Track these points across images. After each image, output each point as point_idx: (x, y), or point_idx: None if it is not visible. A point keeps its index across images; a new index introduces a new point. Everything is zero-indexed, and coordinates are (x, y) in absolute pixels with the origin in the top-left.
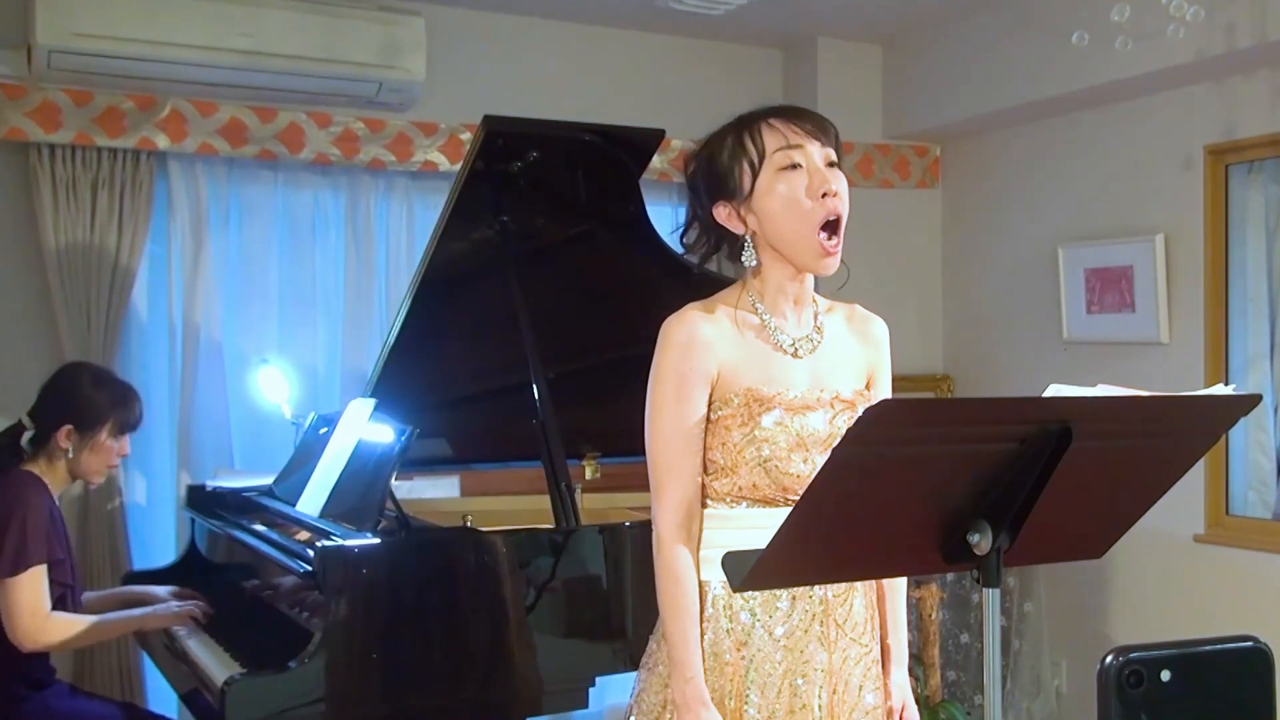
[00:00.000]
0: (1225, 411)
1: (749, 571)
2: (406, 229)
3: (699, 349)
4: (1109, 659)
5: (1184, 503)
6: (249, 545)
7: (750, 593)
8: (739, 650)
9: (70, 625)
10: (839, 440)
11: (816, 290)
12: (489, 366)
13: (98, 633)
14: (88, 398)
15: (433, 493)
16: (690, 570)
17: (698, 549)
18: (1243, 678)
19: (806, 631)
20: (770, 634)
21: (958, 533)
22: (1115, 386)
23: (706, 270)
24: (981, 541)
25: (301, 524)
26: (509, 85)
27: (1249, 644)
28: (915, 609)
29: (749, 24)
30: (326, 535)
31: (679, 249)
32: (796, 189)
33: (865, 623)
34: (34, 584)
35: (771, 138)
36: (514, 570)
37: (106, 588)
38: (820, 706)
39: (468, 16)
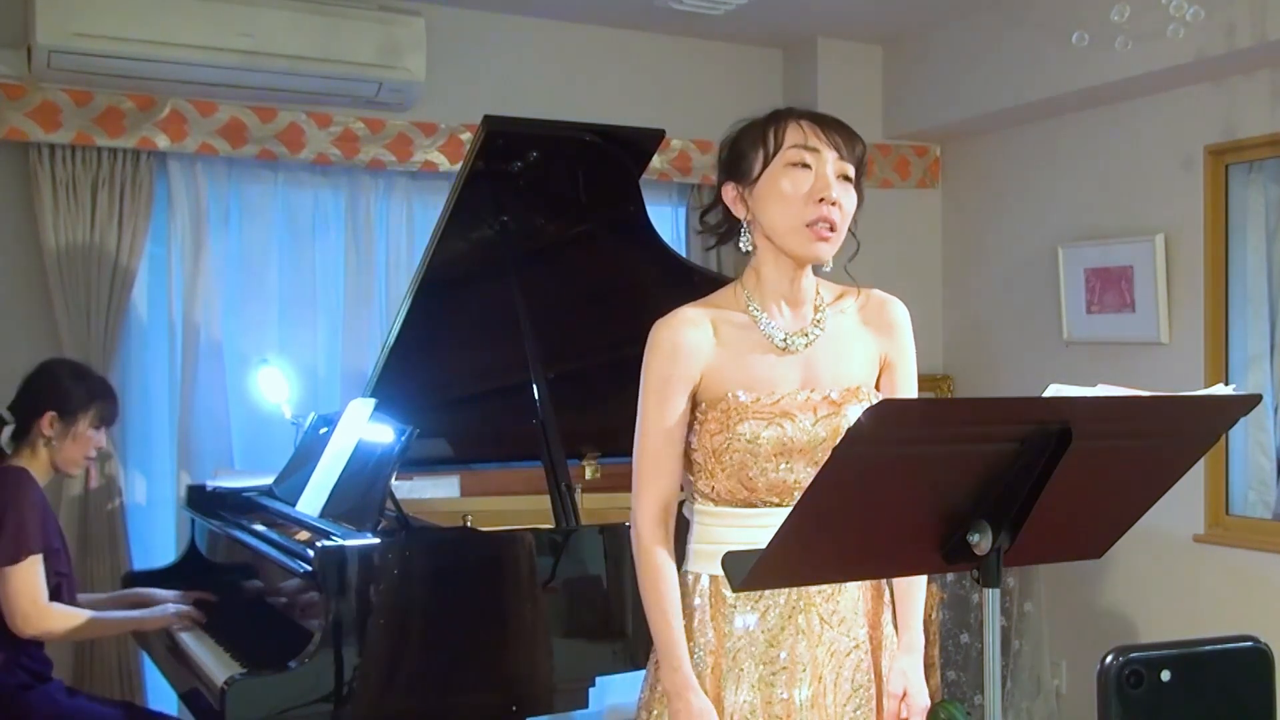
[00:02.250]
0: (1225, 411)
1: (749, 571)
2: (406, 229)
3: (683, 354)
4: (1109, 659)
5: (1184, 503)
6: (249, 545)
7: None
8: (721, 641)
9: (70, 617)
10: (839, 440)
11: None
12: (489, 366)
13: (97, 628)
14: (69, 388)
15: (433, 493)
16: (669, 563)
17: (689, 542)
18: (1243, 678)
19: (786, 626)
20: (749, 626)
21: (958, 533)
22: (1115, 386)
23: (707, 270)
24: (981, 541)
25: (301, 524)
26: (509, 85)
27: (1249, 644)
28: None
29: (749, 24)
30: (326, 535)
31: (680, 246)
32: (798, 187)
33: (855, 616)
34: (31, 572)
35: (793, 134)
36: (514, 570)
37: (106, 588)
38: (803, 700)
39: (468, 16)
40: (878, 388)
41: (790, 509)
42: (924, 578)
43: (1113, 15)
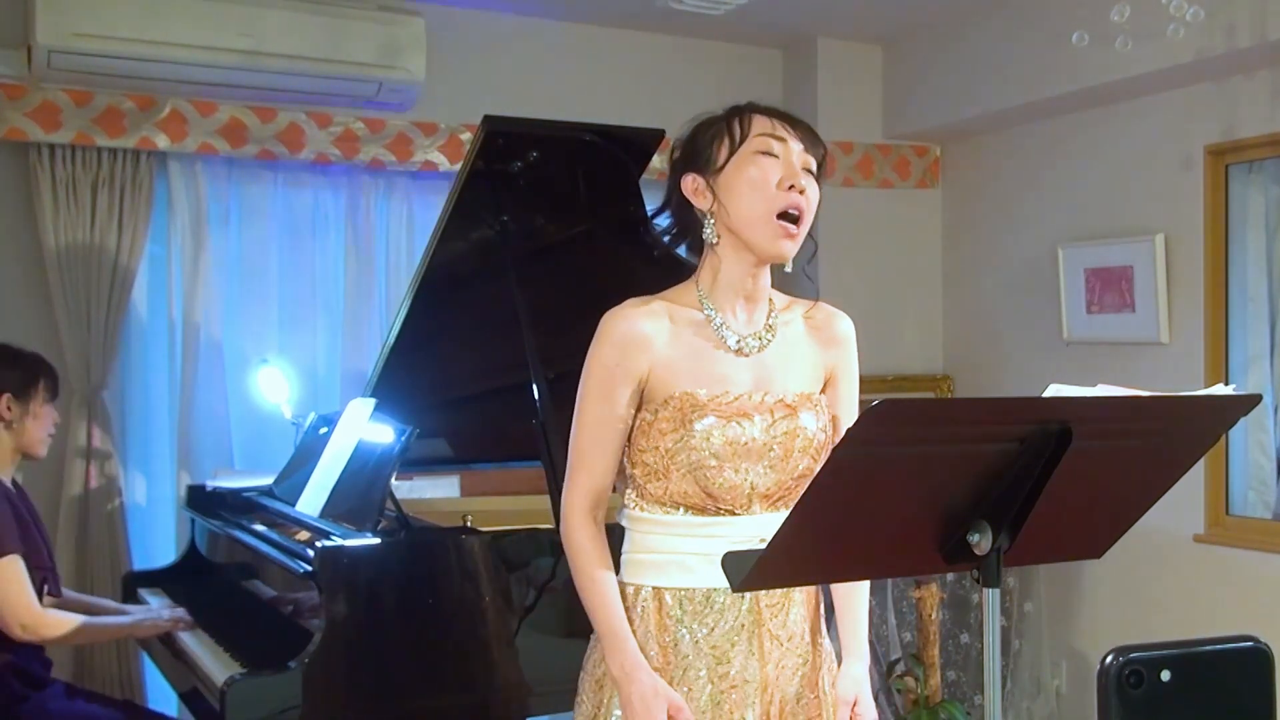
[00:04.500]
0: (1225, 411)
1: (749, 571)
2: (406, 229)
3: (631, 347)
4: (1109, 659)
5: (1184, 503)
6: (249, 545)
7: (681, 599)
8: (665, 656)
9: (63, 623)
10: (839, 440)
11: (789, 291)
12: (489, 366)
13: (90, 634)
14: (10, 371)
15: (433, 493)
16: (604, 551)
17: (625, 552)
18: (1243, 678)
19: (734, 644)
20: (696, 641)
21: (958, 533)
22: (1115, 386)
23: None
24: (981, 541)
25: (301, 524)
26: (509, 85)
27: (1249, 644)
28: (915, 609)
29: (749, 24)
30: (326, 535)
31: (679, 246)
32: (767, 174)
33: (803, 634)
34: (13, 573)
35: (759, 124)
36: (514, 570)
37: (106, 588)
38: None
39: (468, 16)
40: None
41: (741, 520)
42: (866, 584)
43: (1113, 15)
